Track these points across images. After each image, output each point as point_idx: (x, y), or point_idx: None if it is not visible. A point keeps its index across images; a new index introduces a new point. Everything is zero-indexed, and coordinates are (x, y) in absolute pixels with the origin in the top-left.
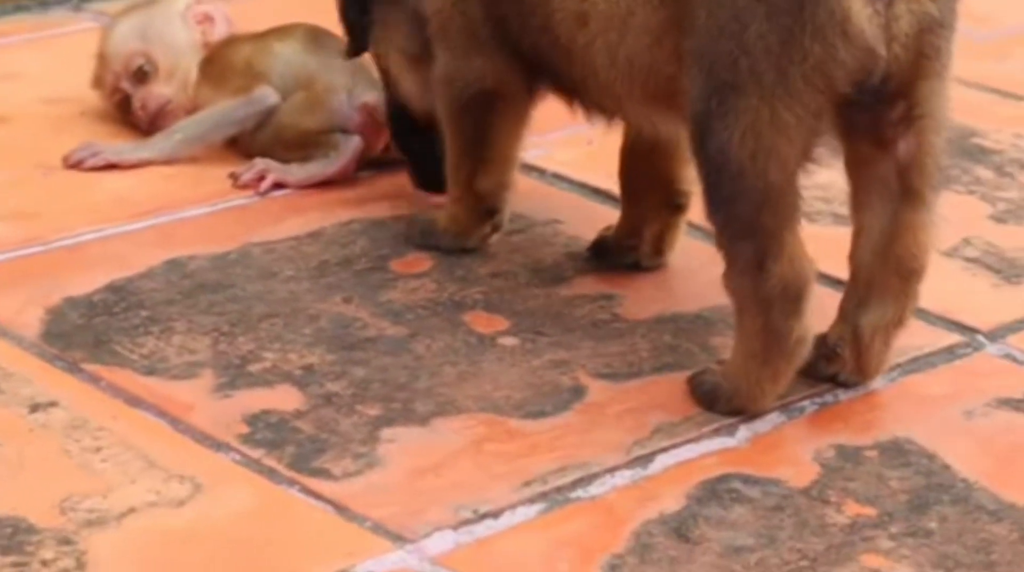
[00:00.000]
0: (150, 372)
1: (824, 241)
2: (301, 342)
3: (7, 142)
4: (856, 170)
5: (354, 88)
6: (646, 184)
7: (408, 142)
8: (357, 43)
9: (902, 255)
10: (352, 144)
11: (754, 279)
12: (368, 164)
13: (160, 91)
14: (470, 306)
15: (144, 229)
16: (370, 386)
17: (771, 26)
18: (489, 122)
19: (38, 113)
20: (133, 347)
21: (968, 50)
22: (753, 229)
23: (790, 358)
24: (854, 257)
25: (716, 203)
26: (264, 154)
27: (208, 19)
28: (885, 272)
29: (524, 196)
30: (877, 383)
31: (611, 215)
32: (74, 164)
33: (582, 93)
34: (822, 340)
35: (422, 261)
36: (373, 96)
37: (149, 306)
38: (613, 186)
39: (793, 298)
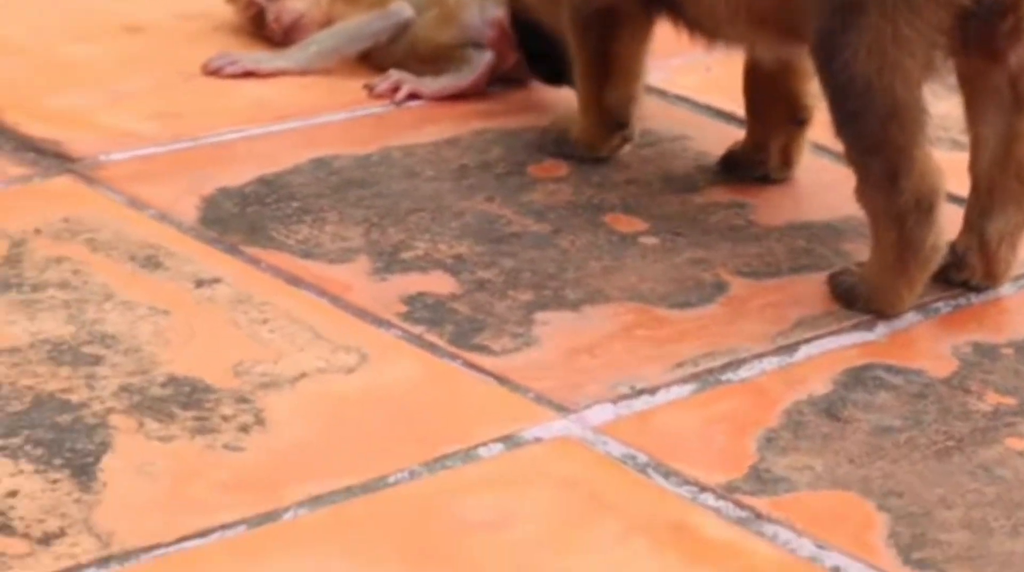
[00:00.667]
0: (307, 255)
1: (945, 164)
2: (449, 234)
3: (144, 51)
4: (970, 84)
5: (486, 4)
6: (769, 100)
7: (529, 42)
8: None
9: (1020, 161)
10: (484, 59)
11: (887, 194)
12: (498, 79)
13: (294, 5)
14: (609, 208)
15: (286, 131)
16: (520, 275)
17: None
18: (611, 38)
19: (172, 26)
20: (288, 233)
21: None
22: (882, 144)
23: (924, 266)
24: (974, 168)
25: (843, 119)
26: (398, 67)
27: None
28: (1005, 179)
29: (650, 115)
30: (1006, 289)
31: (735, 134)
32: (213, 71)
33: (687, 16)
34: (951, 249)
35: (558, 167)
36: (504, 12)
37: (300, 198)
38: (735, 108)
39: (926, 210)
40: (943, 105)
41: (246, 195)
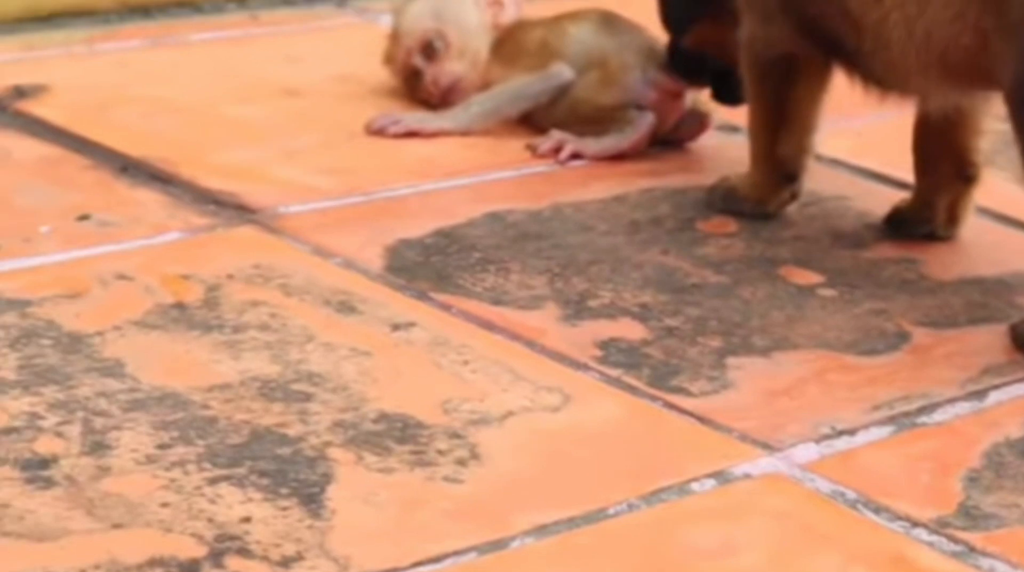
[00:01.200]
0: (496, 302)
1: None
2: (632, 284)
3: (305, 112)
4: None
5: (647, 66)
6: (938, 156)
7: (700, 72)
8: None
9: None
10: (646, 120)
11: None
12: (658, 141)
13: (452, 68)
14: (782, 262)
15: (457, 187)
16: (707, 323)
17: None
18: (788, 87)
19: (329, 89)
20: (474, 281)
21: None
22: None
23: None
24: None
25: None
26: (558, 127)
27: (498, 2)
28: None
29: (809, 177)
30: None
31: (893, 195)
32: (376, 131)
33: (869, 66)
34: None
35: (727, 224)
36: (668, 75)
37: (480, 249)
38: (890, 170)
39: None
40: None
41: (427, 246)
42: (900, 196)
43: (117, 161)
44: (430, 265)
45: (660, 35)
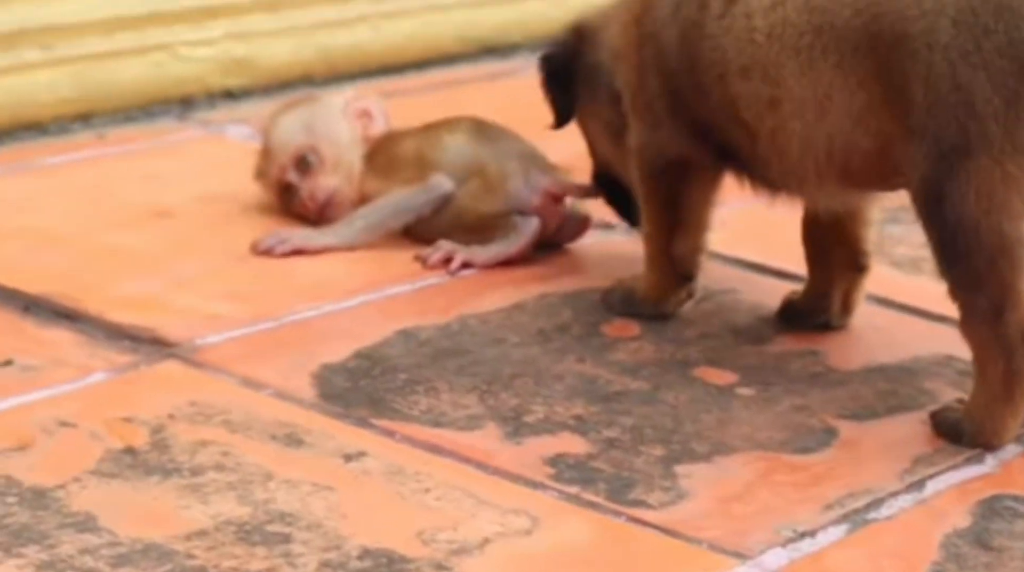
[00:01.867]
0: (436, 424)
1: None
2: (559, 396)
3: (184, 235)
4: None
5: (529, 172)
6: (830, 248)
7: (614, 193)
8: (561, 116)
9: None
10: (532, 225)
11: (993, 327)
12: (541, 244)
13: (327, 182)
14: (694, 363)
15: (360, 305)
16: (643, 431)
17: (995, 90)
18: (680, 189)
19: (200, 210)
20: (409, 405)
21: None
22: (988, 281)
23: None
24: None
25: (951, 259)
26: (442, 237)
27: (367, 114)
28: None
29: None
30: None
31: (778, 285)
32: (264, 251)
33: (762, 171)
34: None
35: (630, 326)
36: (549, 179)
37: (403, 369)
38: (763, 260)
39: None
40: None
41: (351, 370)
42: (783, 286)
43: (17, 300)
44: (361, 390)
45: (534, 141)
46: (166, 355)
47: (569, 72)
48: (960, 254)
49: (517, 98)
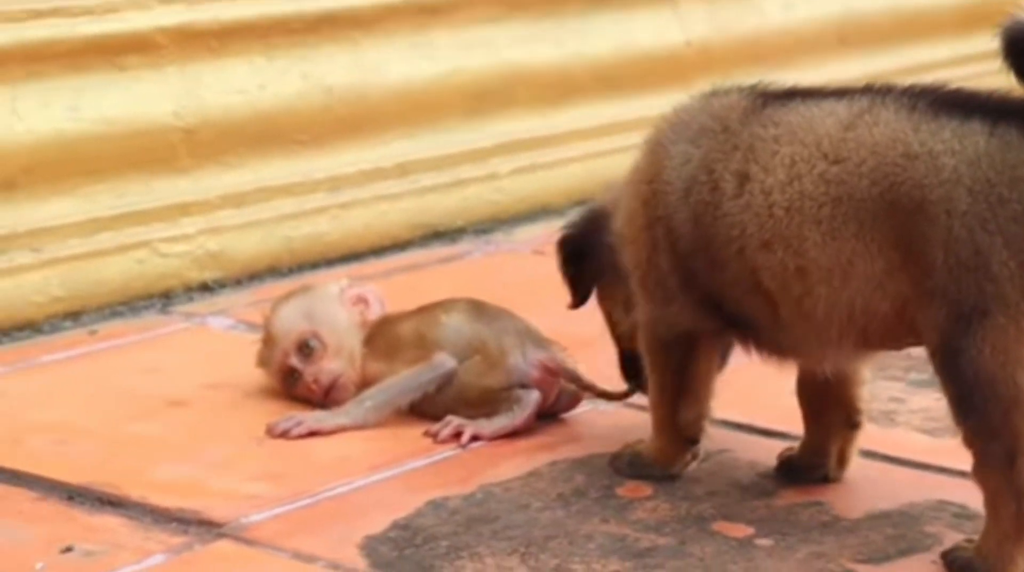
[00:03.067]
0: None
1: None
2: (594, 554)
3: (202, 422)
4: None
5: (526, 346)
6: (827, 407)
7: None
8: (579, 296)
9: None
10: (533, 397)
11: (1006, 474)
12: (541, 416)
13: (331, 366)
14: (710, 518)
15: (386, 480)
16: None
17: (1011, 254)
18: (688, 360)
19: (210, 397)
20: (456, 569)
21: None
22: (1003, 430)
23: None
24: None
25: (967, 411)
26: (447, 412)
27: (363, 300)
28: None
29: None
30: None
31: (764, 442)
32: (280, 433)
33: (778, 338)
34: None
35: (642, 488)
36: (545, 353)
37: (443, 537)
38: (749, 420)
39: None
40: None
41: (394, 540)
42: (772, 444)
43: (60, 490)
44: (408, 559)
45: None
46: (216, 535)
47: (586, 253)
48: (976, 406)
49: (470, 278)
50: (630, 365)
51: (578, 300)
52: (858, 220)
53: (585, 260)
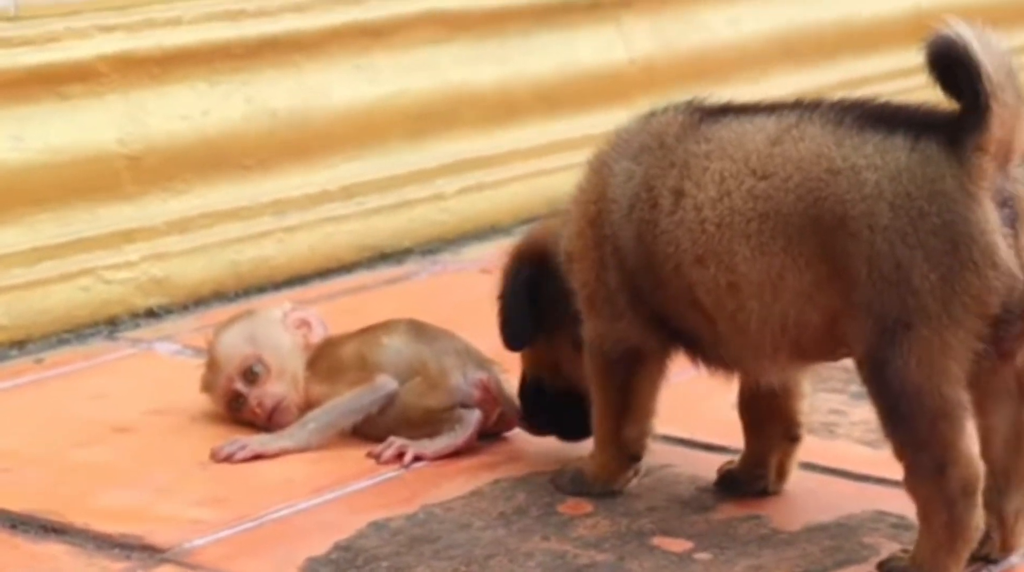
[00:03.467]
0: None
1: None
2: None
3: (146, 447)
4: (981, 380)
5: (467, 366)
6: (767, 420)
7: (549, 409)
8: (520, 336)
9: None
10: (474, 417)
11: (937, 483)
12: (483, 434)
13: (274, 389)
14: (650, 533)
15: (328, 501)
16: None
17: (932, 267)
18: (632, 378)
19: (155, 423)
20: None
21: None
22: (931, 440)
23: (970, 544)
24: (987, 454)
25: (895, 422)
26: (389, 433)
27: (305, 324)
28: (1018, 462)
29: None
30: (1015, 559)
31: (705, 456)
32: (224, 457)
33: (719, 352)
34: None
35: (582, 505)
36: (485, 374)
37: (384, 558)
38: (686, 434)
39: (971, 494)
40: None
41: (336, 561)
42: (712, 458)
43: (4, 519)
44: None
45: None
46: (160, 560)
47: (528, 293)
48: (904, 417)
49: (417, 299)
50: (538, 401)
51: (519, 342)
52: (786, 235)
53: (527, 300)
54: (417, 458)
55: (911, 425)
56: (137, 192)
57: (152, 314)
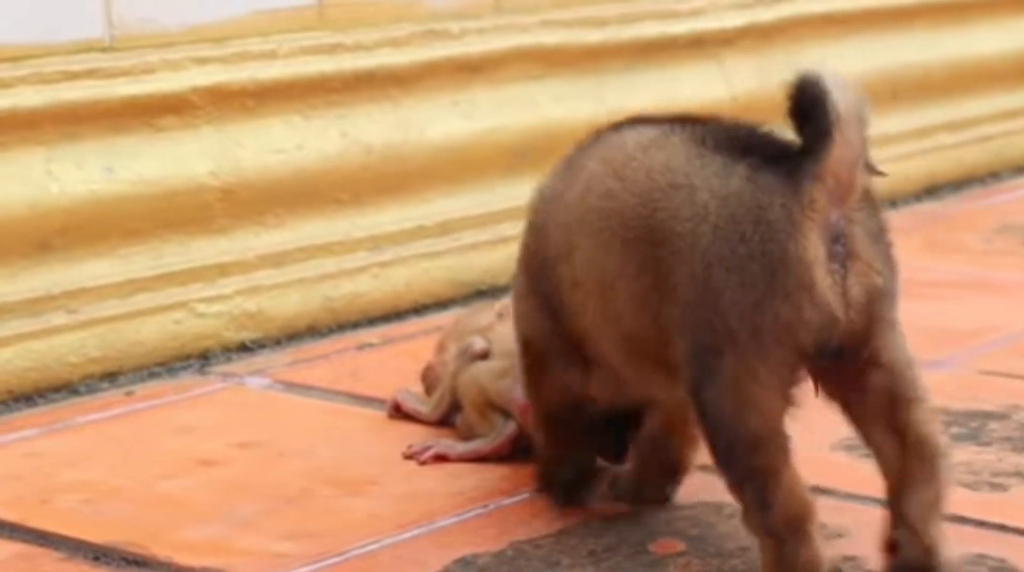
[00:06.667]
0: None
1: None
2: None
3: (231, 481)
4: (845, 406)
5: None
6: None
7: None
8: None
9: (916, 444)
10: (510, 427)
11: (761, 516)
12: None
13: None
14: None
15: (413, 537)
16: None
17: (745, 293)
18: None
19: (239, 457)
20: None
21: None
22: (751, 472)
23: None
24: (883, 469)
25: (718, 452)
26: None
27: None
28: (908, 463)
29: None
30: None
31: None
32: (411, 456)
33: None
34: (891, 545)
35: (673, 544)
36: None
37: None
38: None
39: (796, 528)
40: None
41: None
42: None
43: (86, 551)
44: None
45: None
46: None
47: None
48: (722, 450)
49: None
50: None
51: None
52: (623, 238)
53: None
54: (440, 458)
55: (729, 457)
56: (230, 225)
57: (244, 348)
